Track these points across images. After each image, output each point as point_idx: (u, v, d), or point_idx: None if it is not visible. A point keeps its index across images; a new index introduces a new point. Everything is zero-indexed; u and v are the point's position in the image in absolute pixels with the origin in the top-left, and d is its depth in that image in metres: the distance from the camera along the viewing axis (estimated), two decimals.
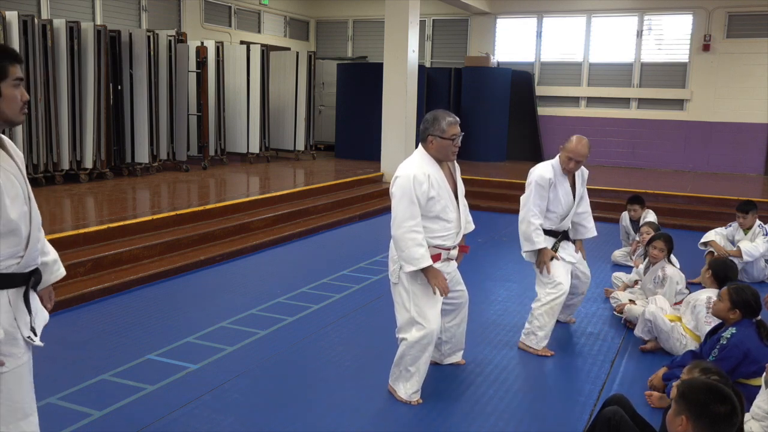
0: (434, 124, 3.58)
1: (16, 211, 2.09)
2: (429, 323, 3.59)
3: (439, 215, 3.60)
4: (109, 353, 4.27)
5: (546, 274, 4.47)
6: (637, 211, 7.01)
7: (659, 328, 4.44)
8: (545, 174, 4.46)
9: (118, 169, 9.44)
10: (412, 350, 3.63)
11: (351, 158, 12.99)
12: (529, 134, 13.86)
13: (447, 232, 3.66)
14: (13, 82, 2.10)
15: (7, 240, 2.07)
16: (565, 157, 4.43)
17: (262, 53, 11.57)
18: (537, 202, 4.44)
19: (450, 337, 4.10)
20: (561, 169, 4.49)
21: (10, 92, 2.09)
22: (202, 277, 6.17)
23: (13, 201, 2.07)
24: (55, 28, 8.25)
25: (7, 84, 2.08)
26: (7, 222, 2.06)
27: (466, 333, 4.20)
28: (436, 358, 4.16)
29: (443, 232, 3.64)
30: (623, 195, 8.80)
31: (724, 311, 3.72)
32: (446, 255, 3.71)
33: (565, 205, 4.51)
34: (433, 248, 3.62)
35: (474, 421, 3.55)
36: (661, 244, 5.10)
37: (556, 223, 4.54)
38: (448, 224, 3.64)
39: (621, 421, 2.85)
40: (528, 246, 4.48)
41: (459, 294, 3.98)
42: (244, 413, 3.55)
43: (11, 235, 2.08)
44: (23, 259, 2.14)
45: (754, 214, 6.49)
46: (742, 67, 12.53)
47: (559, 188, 4.47)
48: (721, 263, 4.59)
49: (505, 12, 14.31)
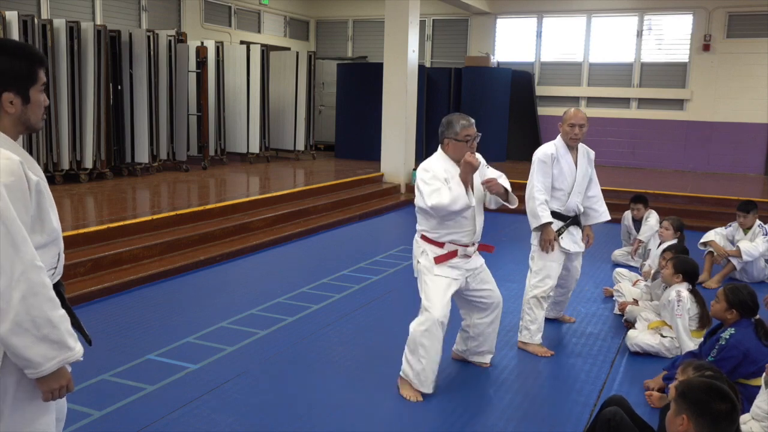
0: (449, 127, 3.76)
1: (55, 219, 2.03)
2: (433, 310, 3.69)
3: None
4: (109, 353, 4.27)
5: (538, 263, 4.52)
6: (641, 211, 7.01)
7: (651, 350, 4.48)
8: (547, 150, 4.55)
9: (118, 169, 9.43)
10: (416, 335, 3.74)
11: (351, 158, 12.99)
12: (529, 134, 13.85)
13: (462, 228, 3.76)
14: (41, 87, 2.02)
15: (50, 250, 2.01)
16: (567, 126, 4.50)
17: (262, 53, 11.57)
18: (540, 178, 4.48)
19: (478, 333, 4.11)
20: (564, 144, 4.55)
21: (37, 98, 2.00)
22: (202, 277, 6.17)
23: (52, 210, 2.01)
24: (55, 28, 8.25)
25: (36, 89, 2.00)
26: (51, 231, 2.00)
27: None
28: (461, 352, 4.24)
29: (458, 228, 3.75)
30: (623, 195, 8.81)
31: (721, 312, 3.73)
32: (463, 252, 3.79)
33: (569, 178, 4.53)
34: (448, 244, 3.77)
35: (474, 421, 3.55)
36: (670, 255, 5.07)
37: (564, 203, 4.55)
38: (464, 221, 3.75)
39: (621, 421, 2.85)
40: (534, 222, 4.50)
41: (487, 294, 4.00)
42: (244, 413, 3.55)
43: (53, 245, 2.03)
44: (57, 269, 2.07)
45: (755, 214, 6.48)
46: (742, 67, 12.53)
47: (562, 162, 4.52)
48: (681, 259, 4.65)
49: (505, 12, 14.31)
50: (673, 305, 4.38)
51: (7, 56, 1.94)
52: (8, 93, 1.93)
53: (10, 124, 1.98)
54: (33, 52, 2.03)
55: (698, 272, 4.74)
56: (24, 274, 1.81)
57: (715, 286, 6.08)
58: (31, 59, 1.98)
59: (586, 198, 4.71)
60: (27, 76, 1.96)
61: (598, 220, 4.78)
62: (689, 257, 4.75)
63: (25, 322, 1.82)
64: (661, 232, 5.99)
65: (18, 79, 1.95)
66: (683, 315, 4.34)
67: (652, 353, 4.45)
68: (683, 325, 4.34)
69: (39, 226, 1.96)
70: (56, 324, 1.88)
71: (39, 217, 1.95)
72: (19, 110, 1.97)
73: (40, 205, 1.95)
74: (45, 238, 1.98)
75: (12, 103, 1.95)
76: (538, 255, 4.57)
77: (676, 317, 4.36)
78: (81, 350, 1.97)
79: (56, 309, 1.90)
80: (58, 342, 1.89)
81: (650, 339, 4.49)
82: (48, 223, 1.98)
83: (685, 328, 4.33)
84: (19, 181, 1.85)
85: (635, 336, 4.55)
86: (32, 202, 1.91)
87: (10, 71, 1.93)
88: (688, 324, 4.36)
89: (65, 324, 1.92)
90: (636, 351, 4.50)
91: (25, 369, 1.88)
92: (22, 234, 1.83)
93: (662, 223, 6.16)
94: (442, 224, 3.76)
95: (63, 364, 1.92)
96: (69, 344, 1.92)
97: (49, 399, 1.96)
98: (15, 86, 1.94)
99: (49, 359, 1.88)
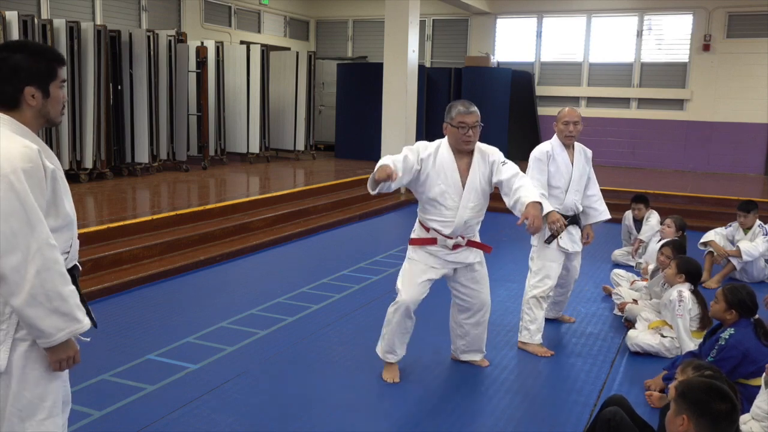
0: (449, 111, 3.74)
1: (69, 205, 2.18)
2: (402, 294, 3.83)
3: (436, 198, 3.71)
4: (109, 353, 4.27)
5: (537, 263, 4.53)
6: (641, 211, 7.01)
7: (651, 350, 4.48)
8: (543, 148, 4.60)
9: (118, 169, 9.43)
10: (389, 314, 3.93)
11: (351, 158, 12.99)
12: (529, 134, 13.84)
13: (443, 218, 3.75)
14: (60, 83, 2.18)
15: (64, 234, 2.16)
16: (561, 125, 4.54)
17: (262, 53, 11.57)
18: (536, 175, 4.49)
19: (464, 333, 4.13)
20: (560, 142, 4.58)
21: (56, 93, 2.17)
22: (202, 277, 6.17)
23: (66, 196, 2.17)
24: (55, 28, 8.24)
25: (55, 85, 2.16)
26: (65, 216, 2.15)
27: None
28: (453, 351, 4.27)
29: (438, 216, 3.75)
30: (623, 195, 8.81)
31: (721, 312, 3.73)
32: (443, 242, 3.77)
33: (566, 175, 4.55)
34: (433, 231, 3.78)
35: (474, 421, 3.55)
36: (668, 251, 5.08)
37: (561, 201, 4.55)
38: (445, 210, 3.72)
39: (621, 421, 2.85)
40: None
41: (471, 294, 3.99)
42: (244, 413, 3.55)
43: (67, 229, 2.17)
44: (70, 253, 2.21)
45: (755, 213, 6.49)
46: (742, 67, 12.53)
47: (558, 159, 4.54)
48: (684, 259, 4.66)
49: (505, 12, 14.31)
50: (675, 305, 4.38)
51: (29, 54, 2.12)
52: (30, 87, 2.11)
53: (32, 117, 2.14)
54: (52, 51, 2.22)
55: (701, 273, 4.76)
56: (39, 251, 1.98)
57: (715, 286, 6.08)
58: (50, 57, 2.17)
59: (585, 197, 4.72)
60: (47, 72, 2.14)
61: (599, 219, 4.78)
62: (692, 258, 4.76)
63: (39, 295, 1.99)
64: (663, 230, 6.02)
65: (39, 75, 2.12)
66: (684, 315, 4.34)
67: (652, 353, 4.45)
68: (684, 326, 4.34)
69: (54, 211, 2.11)
70: (66, 297, 2.05)
71: (54, 202, 2.11)
72: (39, 104, 2.13)
73: (55, 191, 2.11)
74: (59, 222, 2.14)
75: (33, 97, 2.11)
76: (537, 255, 4.57)
77: (677, 317, 4.36)
78: (88, 323, 2.14)
79: (67, 284, 2.06)
80: (68, 314, 2.05)
81: (650, 339, 4.50)
82: (62, 209, 2.14)
83: (685, 329, 4.33)
84: (36, 167, 2.02)
85: (635, 336, 4.55)
86: (48, 188, 2.08)
87: (32, 68, 2.11)
88: (688, 324, 4.36)
89: (74, 298, 2.09)
90: (636, 351, 4.50)
91: (38, 339, 2.05)
92: (38, 215, 2.00)
93: (665, 221, 6.17)
94: (424, 208, 3.81)
95: (71, 336, 2.09)
96: (78, 317, 2.09)
97: (57, 369, 2.13)
98: (36, 81, 2.12)
99: (60, 330, 2.04)
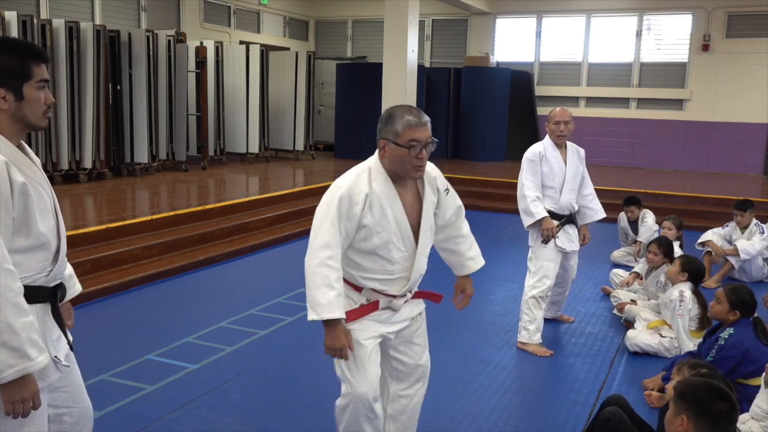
0: (390, 122, 2.52)
1: (46, 224, 1.98)
2: (353, 385, 2.61)
3: (375, 251, 2.61)
4: (109, 353, 4.27)
5: (535, 264, 4.52)
6: (634, 212, 7.02)
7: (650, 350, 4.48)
8: (534, 149, 4.60)
9: (118, 169, 9.43)
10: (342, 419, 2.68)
11: (350, 158, 12.95)
12: (529, 134, 13.81)
13: (387, 275, 2.65)
14: (38, 84, 1.96)
15: (37, 255, 1.96)
16: (553, 125, 4.56)
17: (262, 53, 11.58)
18: (529, 176, 4.51)
19: (399, 411, 2.89)
20: (552, 142, 4.60)
21: (34, 95, 1.95)
22: (202, 277, 6.17)
23: (42, 214, 1.96)
24: (54, 28, 8.24)
25: (30, 86, 1.94)
26: (38, 236, 1.94)
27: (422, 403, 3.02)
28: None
29: (381, 274, 2.65)
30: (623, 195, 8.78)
31: (723, 313, 3.73)
32: (387, 303, 2.68)
33: (559, 175, 4.55)
34: (370, 291, 2.67)
35: (474, 421, 3.55)
36: (654, 248, 5.15)
37: (556, 200, 4.55)
38: (390, 265, 2.63)
39: (620, 421, 2.85)
40: (529, 219, 4.48)
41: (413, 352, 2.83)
42: (244, 413, 3.55)
43: (41, 249, 1.97)
44: (51, 272, 2.02)
45: (752, 212, 6.52)
46: (742, 67, 12.53)
47: (551, 159, 4.55)
48: (689, 258, 4.68)
49: (505, 12, 14.31)
50: (675, 305, 4.38)
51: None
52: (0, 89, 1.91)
53: (6, 122, 1.94)
54: (26, 47, 1.98)
55: (704, 273, 4.77)
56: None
57: (714, 286, 6.08)
58: (24, 54, 1.94)
59: (581, 197, 4.72)
60: (20, 71, 1.93)
61: (594, 218, 4.79)
62: (697, 258, 4.76)
63: None
64: (665, 232, 6.05)
65: (9, 75, 1.91)
66: (684, 315, 4.34)
67: (652, 353, 4.46)
68: (683, 326, 4.34)
69: (25, 229, 1.91)
70: (17, 330, 1.79)
71: (25, 219, 1.90)
72: (12, 107, 1.93)
73: (27, 207, 1.90)
74: (30, 241, 1.93)
75: (5, 99, 1.91)
76: (535, 255, 4.57)
77: (677, 317, 4.36)
78: (43, 362, 1.86)
79: (21, 316, 1.81)
80: (18, 350, 1.80)
81: (649, 339, 4.50)
82: (35, 227, 1.93)
83: (685, 329, 4.34)
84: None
85: (634, 336, 4.56)
86: (15, 204, 1.86)
87: (2, 67, 1.90)
88: (688, 324, 4.36)
89: (28, 332, 1.83)
90: (635, 351, 4.50)
91: None
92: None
93: (664, 223, 6.20)
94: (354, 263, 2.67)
95: (22, 374, 1.82)
96: (29, 354, 1.81)
97: (10, 412, 1.85)
98: (7, 82, 1.91)
99: (9, 366, 1.79)
